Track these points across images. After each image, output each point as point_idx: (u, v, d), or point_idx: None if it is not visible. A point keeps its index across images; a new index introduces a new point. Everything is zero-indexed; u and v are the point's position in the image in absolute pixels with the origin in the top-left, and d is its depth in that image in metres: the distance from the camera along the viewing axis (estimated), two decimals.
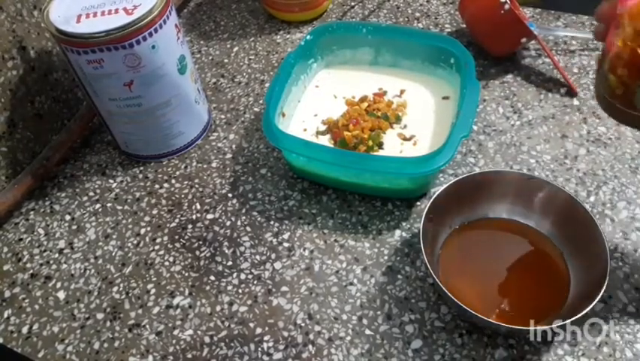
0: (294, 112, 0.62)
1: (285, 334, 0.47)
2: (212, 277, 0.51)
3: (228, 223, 0.55)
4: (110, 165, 0.62)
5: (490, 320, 0.40)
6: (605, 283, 0.41)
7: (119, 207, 0.58)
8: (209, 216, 0.56)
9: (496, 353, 0.44)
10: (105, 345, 0.47)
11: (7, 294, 0.52)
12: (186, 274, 0.51)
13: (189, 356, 0.46)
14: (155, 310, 0.49)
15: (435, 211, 0.47)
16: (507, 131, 0.60)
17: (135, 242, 0.54)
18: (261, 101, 0.67)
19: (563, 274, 0.46)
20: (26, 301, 0.51)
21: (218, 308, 0.49)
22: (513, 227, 0.50)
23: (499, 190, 0.50)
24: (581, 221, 0.46)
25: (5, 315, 0.50)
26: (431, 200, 0.47)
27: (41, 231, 0.56)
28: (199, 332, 0.47)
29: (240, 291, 0.50)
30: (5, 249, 0.55)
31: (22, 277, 0.53)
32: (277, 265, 0.51)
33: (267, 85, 0.69)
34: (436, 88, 0.63)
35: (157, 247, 0.54)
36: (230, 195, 0.58)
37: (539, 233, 0.49)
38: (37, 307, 0.51)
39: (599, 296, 0.40)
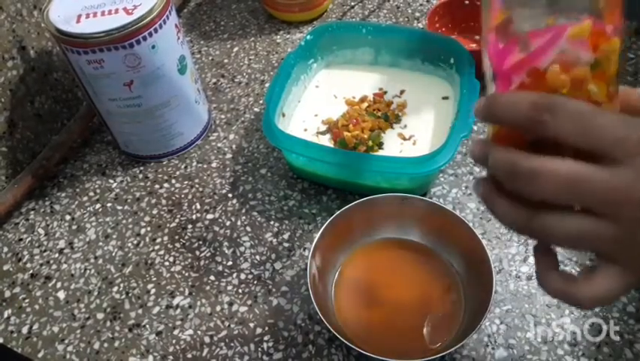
0: (294, 112, 0.62)
1: (285, 334, 0.47)
2: (212, 277, 0.51)
3: (228, 223, 0.55)
4: (110, 165, 0.62)
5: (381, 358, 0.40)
6: (492, 294, 0.41)
7: (119, 207, 0.58)
8: (209, 216, 0.56)
9: (496, 353, 0.44)
10: (105, 345, 0.47)
11: (7, 294, 0.52)
12: (186, 274, 0.51)
13: (189, 356, 0.46)
14: (155, 310, 0.49)
15: (321, 250, 0.46)
16: None
17: (135, 242, 0.54)
18: (261, 101, 0.67)
19: (456, 286, 0.47)
20: (26, 301, 0.51)
21: (218, 308, 0.49)
22: (401, 246, 0.49)
23: (381, 214, 0.49)
24: (461, 232, 0.46)
25: (5, 315, 0.50)
26: (314, 243, 0.46)
27: (41, 231, 0.56)
28: (199, 332, 0.47)
29: (240, 291, 0.50)
30: (5, 249, 0.55)
31: (22, 277, 0.53)
32: (277, 265, 0.51)
33: (267, 85, 0.69)
34: (435, 88, 0.63)
35: (157, 247, 0.54)
36: (230, 195, 0.58)
37: (427, 249, 0.49)
38: (37, 307, 0.50)
39: (487, 311, 0.40)
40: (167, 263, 0.52)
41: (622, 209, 0.24)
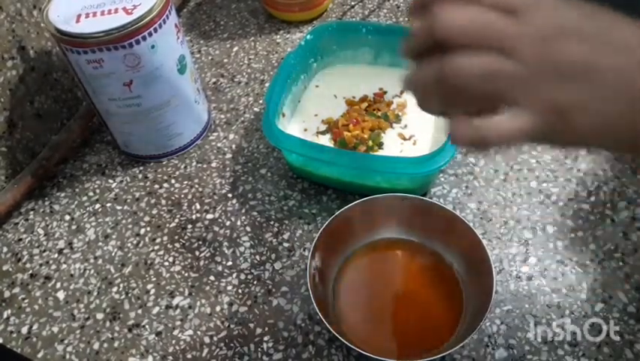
0: (294, 112, 0.62)
1: (285, 334, 0.47)
2: (212, 278, 0.51)
3: (228, 223, 0.55)
4: (110, 165, 0.62)
5: (380, 358, 0.39)
6: (493, 294, 0.41)
7: (119, 208, 0.58)
8: (209, 216, 0.56)
9: (496, 353, 0.44)
10: (105, 345, 0.47)
11: (6, 294, 0.51)
12: (186, 275, 0.51)
13: (189, 356, 0.46)
14: (155, 310, 0.49)
15: (321, 250, 0.46)
16: None
17: (135, 242, 0.54)
18: (260, 101, 0.67)
19: (456, 286, 0.46)
20: (26, 301, 0.51)
21: (218, 309, 0.49)
22: (401, 246, 0.49)
23: (381, 214, 0.49)
24: (461, 232, 0.46)
25: (5, 315, 0.50)
26: (314, 243, 0.45)
27: (41, 231, 0.56)
28: (199, 333, 0.47)
29: (240, 291, 0.50)
30: (5, 249, 0.55)
31: (22, 278, 0.53)
32: (277, 265, 0.51)
33: (266, 85, 0.69)
34: None
35: (157, 247, 0.54)
36: (230, 195, 0.57)
37: (427, 249, 0.49)
38: (36, 307, 0.50)
39: (487, 313, 0.40)
40: (166, 263, 0.52)
41: (525, 46, 0.26)
